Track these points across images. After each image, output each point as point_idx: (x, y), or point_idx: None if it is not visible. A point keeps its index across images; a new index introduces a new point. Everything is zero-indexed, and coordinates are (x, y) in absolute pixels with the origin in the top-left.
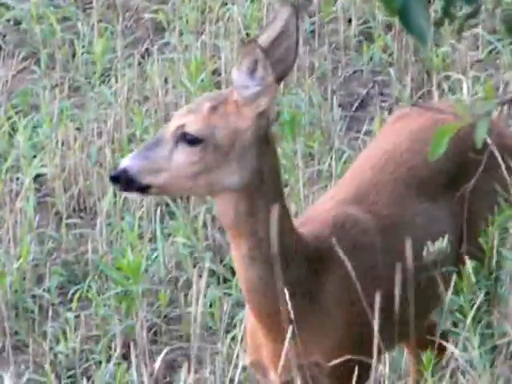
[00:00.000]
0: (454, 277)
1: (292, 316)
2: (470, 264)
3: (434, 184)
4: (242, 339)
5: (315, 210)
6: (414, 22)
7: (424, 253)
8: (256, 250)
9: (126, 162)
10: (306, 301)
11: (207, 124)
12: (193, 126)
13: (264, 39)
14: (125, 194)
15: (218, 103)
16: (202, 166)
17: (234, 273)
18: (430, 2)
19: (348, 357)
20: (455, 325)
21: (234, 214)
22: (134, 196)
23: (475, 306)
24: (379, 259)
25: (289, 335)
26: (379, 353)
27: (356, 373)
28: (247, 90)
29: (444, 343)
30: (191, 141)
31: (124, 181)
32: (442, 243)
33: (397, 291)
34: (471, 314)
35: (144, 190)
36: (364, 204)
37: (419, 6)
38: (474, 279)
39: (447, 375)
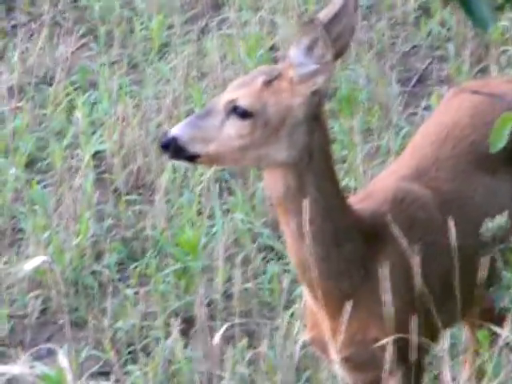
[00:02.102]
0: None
1: (348, 292)
2: None
3: (494, 158)
4: (300, 315)
5: (375, 185)
6: (475, 9)
7: (483, 229)
8: (304, 227)
9: (176, 131)
10: (363, 277)
11: (259, 99)
12: (245, 100)
13: (323, 16)
14: (173, 161)
15: (272, 79)
16: (251, 139)
17: None
18: None
19: (405, 335)
20: None
21: (283, 189)
22: (183, 163)
23: None
24: (439, 235)
25: (346, 313)
26: (438, 330)
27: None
28: (304, 68)
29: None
30: (242, 114)
31: (173, 149)
32: (502, 219)
33: (456, 271)
34: None
35: (193, 158)
36: (424, 180)
37: None
38: None
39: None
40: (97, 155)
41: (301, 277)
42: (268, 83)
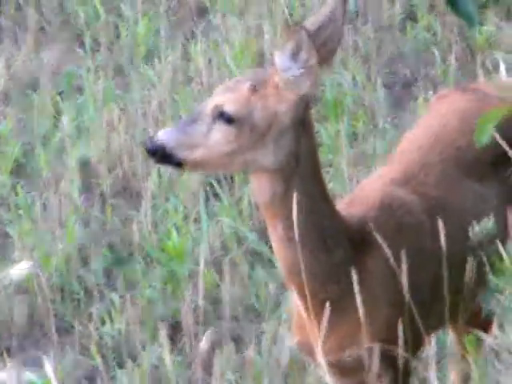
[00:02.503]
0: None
1: (336, 297)
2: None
3: (482, 163)
4: (287, 320)
5: (363, 189)
6: (461, 6)
7: (469, 233)
8: (290, 231)
9: (163, 136)
10: (350, 282)
11: (246, 104)
12: (231, 105)
13: (310, 22)
14: (160, 166)
15: (258, 84)
16: (237, 145)
17: None
18: None
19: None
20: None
21: (270, 193)
22: (169, 169)
23: None
24: (427, 240)
25: (326, 317)
26: (426, 335)
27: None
28: (289, 73)
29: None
30: (228, 120)
31: (160, 155)
32: (487, 224)
33: (444, 272)
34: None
35: (180, 164)
36: (412, 185)
37: None
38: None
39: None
40: (83, 160)
41: (289, 281)
42: (254, 88)
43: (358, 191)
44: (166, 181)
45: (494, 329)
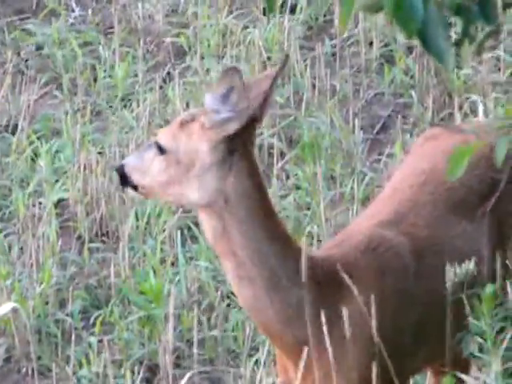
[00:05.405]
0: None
1: (304, 339)
2: (489, 288)
3: (471, 203)
4: (264, 363)
5: (352, 229)
6: (433, 43)
7: (450, 275)
8: (240, 269)
9: (127, 159)
10: (320, 324)
11: (173, 138)
12: (162, 137)
13: (249, 81)
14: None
15: (187, 121)
16: (167, 176)
17: None
18: (450, 24)
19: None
20: (481, 349)
21: (211, 231)
22: (130, 193)
23: (494, 331)
24: (412, 284)
25: (303, 360)
26: (404, 379)
27: None
28: (217, 115)
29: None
30: (161, 150)
31: (120, 176)
32: (469, 265)
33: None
34: (491, 338)
35: (136, 187)
36: (402, 225)
37: (438, 26)
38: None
39: None
40: (60, 203)
41: (251, 319)
42: (183, 124)
43: (349, 230)
44: (143, 223)
45: (473, 370)
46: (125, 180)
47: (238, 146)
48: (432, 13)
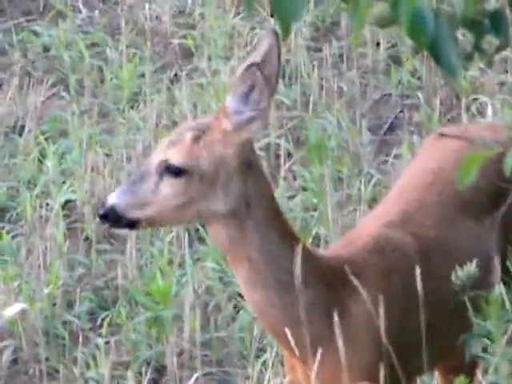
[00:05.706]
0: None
1: (313, 339)
2: (498, 289)
3: (478, 204)
4: (272, 364)
5: (359, 230)
6: (444, 57)
7: (452, 277)
8: (254, 274)
9: (113, 200)
10: (329, 326)
11: (190, 155)
12: (176, 158)
13: (252, 59)
14: (114, 230)
15: (201, 133)
16: (187, 196)
17: None
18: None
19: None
20: (486, 350)
21: (227, 239)
22: (124, 231)
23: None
24: (419, 284)
25: (316, 361)
26: (411, 379)
27: None
28: (240, 116)
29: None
30: (176, 173)
31: (113, 218)
32: (471, 267)
33: (422, 317)
34: (498, 339)
35: (133, 224)
36: (409, 226)
37: (449, 40)
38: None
39: None
40: (67, 204)
41: (261, 323)
42: (197, 138)
43: (356, 232)
44: None
45: (480, 373)
46: (117, 221)
47: (253, 145)
48: (443, 28)
